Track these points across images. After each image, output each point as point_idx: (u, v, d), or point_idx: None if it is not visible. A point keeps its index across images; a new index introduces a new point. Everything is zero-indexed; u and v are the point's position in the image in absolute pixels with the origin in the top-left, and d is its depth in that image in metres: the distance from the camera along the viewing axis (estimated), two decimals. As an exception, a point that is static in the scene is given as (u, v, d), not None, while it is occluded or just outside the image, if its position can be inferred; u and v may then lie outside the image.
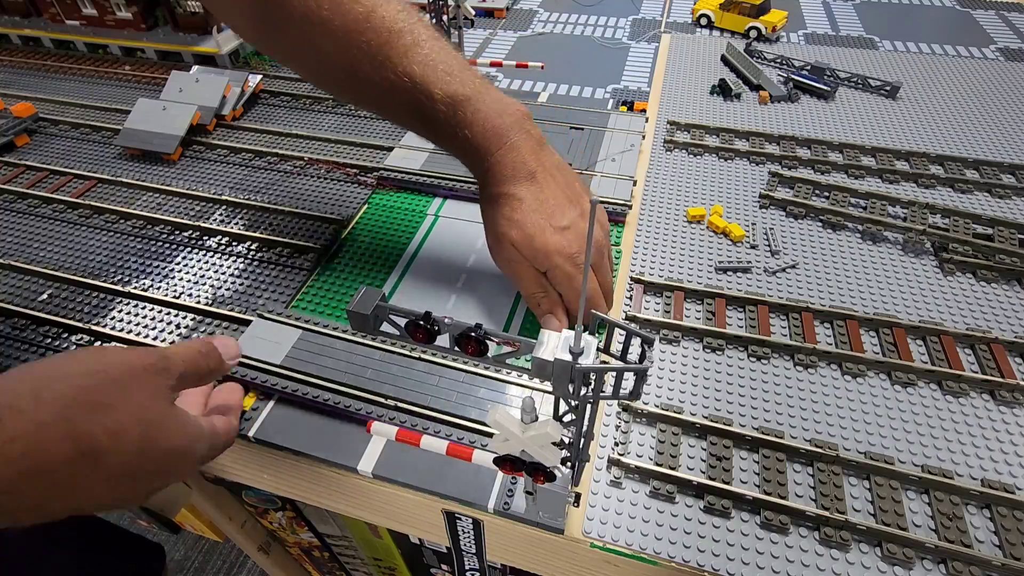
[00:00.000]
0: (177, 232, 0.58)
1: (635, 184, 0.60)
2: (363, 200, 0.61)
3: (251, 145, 0.69)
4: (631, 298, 0.50)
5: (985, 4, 1.02)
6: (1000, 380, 0.43)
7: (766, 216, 0.59)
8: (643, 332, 0.25)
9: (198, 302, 0.50)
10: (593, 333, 0.26)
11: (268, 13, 0.42)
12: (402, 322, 0.29)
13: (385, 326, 0.30)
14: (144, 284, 0.53)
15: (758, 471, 0.38)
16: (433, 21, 0.67)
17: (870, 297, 0.50)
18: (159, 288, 0.52)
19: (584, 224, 0.42)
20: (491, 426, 0.28)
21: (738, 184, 0.63)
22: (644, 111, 0.73)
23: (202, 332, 0.48)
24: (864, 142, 0.67)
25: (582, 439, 0.30)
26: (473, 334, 0.27)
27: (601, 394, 0.26)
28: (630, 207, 0.57)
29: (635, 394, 0.25)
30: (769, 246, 0.55)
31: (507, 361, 0.28)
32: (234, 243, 0.57)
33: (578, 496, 0.36)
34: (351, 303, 0.29)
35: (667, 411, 0.41)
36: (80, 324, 0.49)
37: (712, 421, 0.40)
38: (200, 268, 0.54)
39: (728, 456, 0.39)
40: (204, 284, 0.52)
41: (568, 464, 0.31)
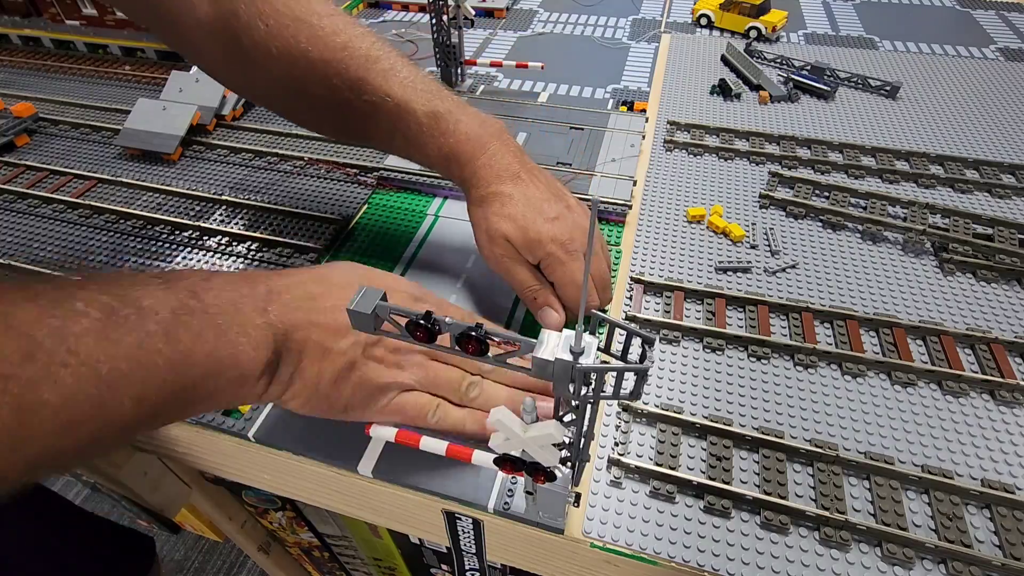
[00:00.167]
0: (177, 232, 0.58)
1: (635, 184, 0.60)
2: (363, 200, 0.61)
3: (251, 145, 0.69)
4: (631, 298, 0.50)
5: (985, 4, 1.02)
6: (1000, 380, 0.43)
7: (766, 216, 0.59)
8: (643, 332, 0.25)
9: (198, 302, 0.50)
10: (593, 333, 0.26)
11: (243, 52, 0.43)
12: (402, 321, 0.29)
13: (385, 325, 0.30)
14: (144, 284, 0.53)
15: (758, 471, 0.38)
16: (433, 21, 0.67)
17: (870, 297, 0.50)
18: (159, 288, 0.52)
19: (572, 216, 0.43)
20: (493, 424, 0.28)
21: (738, 184, 0.63)
22: (644, 111, 0.73)
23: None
24: (864, 142, 0.67)
25: (582, 439, 0.30)
26: (474, 333, 0.27)
27: (602, 394, 0.26)
28: (630, 207, 0.57)
29: (636, 394, 0.25)
30: (769, 246, 0.55)
31: (507, 361, 0.28)
32: (234, 243, 0.57)
33: (578, 496, 0.36)
34: (351, 302, 0.29)
35: (667, 411, 0.41)
36: (80, 324, 0.48)
37: (712, 421, 0.40)
38: (200, 268, 0.54)
39: (728, 456, 0.39)
40: (204, 284, 0.52)
41: (568, 464, 0.31)
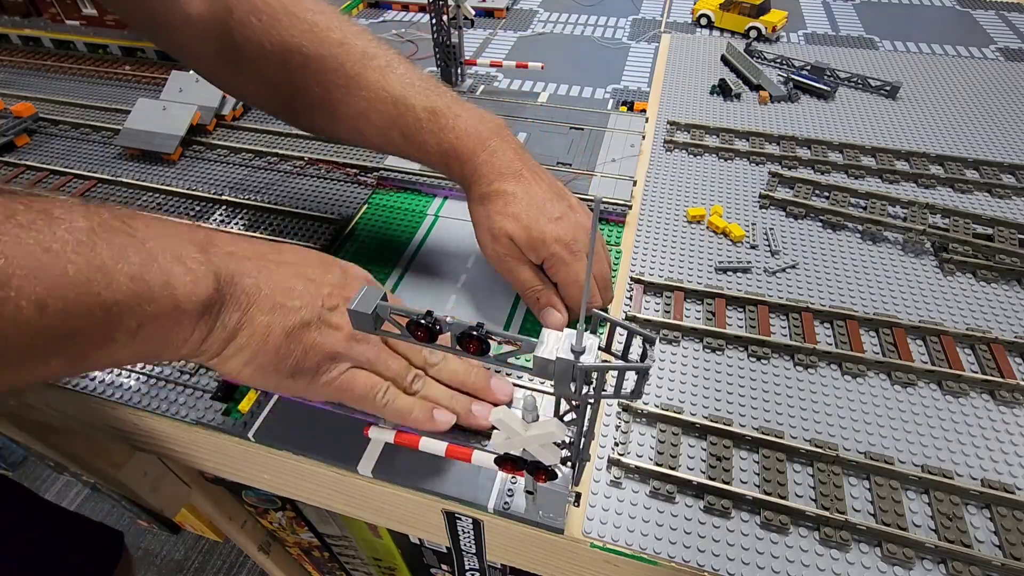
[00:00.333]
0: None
1: (635, 184, 0.60)
2: (363, 200, 0.61)
3: (251, 145, 0.69)
4: (631, 298, 0.50)
5: (985, 4, 1.02)
6: (1000, 380, 0.43)
7: (766, 216, 0.59)
8: (644, 331, 0.25)
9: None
10: (594, 332, 0.26)
11: (236, 49, 0.42)
12: (403, 321, 0.29)
13: (386, 325, 0.30)
14: (144, 284, 0.52)
15: (758, 471, 0.38)
16: (433, 21, 0.67)
17: (870, 297, 0.50)
18: (159, 288, 0.52)
19: (575, 216, 0.43)
20: (494, 424, 0.28)
21: (738, 184, 0.63)
22: (644, 111, 0.73)
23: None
24: (864, 142, 0.67)
25: (583, 438, 0.30)
26: (475, 333, 0.27)
27: (603, 393, 0.26)
28: (630, 207, 0.57)
29: (637, 393, 0.25)
30: (769, 246, 0.55)
31: (509, 360, 0.28)
32: (234, 243, 0.56)
33: (578, 496, 0.36)
34: (352, 302, 0.29)
35: (667, 411, 0.41)
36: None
37: (712, 421, 0.40)
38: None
39: (728, 456, 0.39)
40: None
41: (569, 463, 0.31)
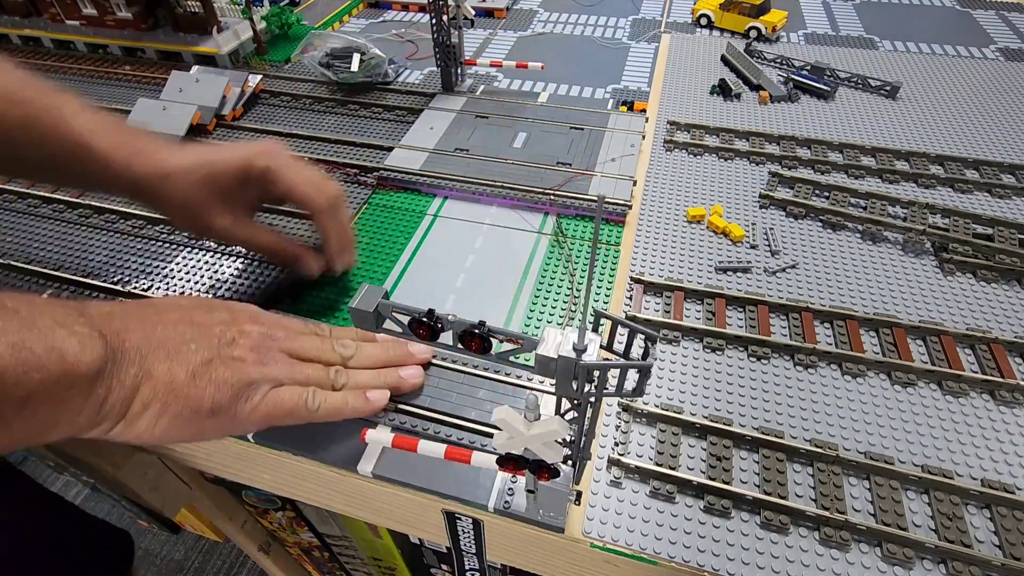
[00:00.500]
0: (177, 232, 0.58)
1: (635, 184, 0.60)
2: (363, 200, 0.61)
3: (251, 145, 0.69)
4: (631, 298, 0.50)
5: (985, 4, 1.02)
6: (1000, 380, 0.43)
7: (766, 216, 0.59)
8: (646, 329, 0.25)
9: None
10: (595, 330, 0.26)
11: None
12: (404, 319, 0.29)
13: (388, 324, 0.30)
14: (144, 284, 0.53)
15: (758, 471, 0.38)
16: (433, 21, 0.67)
17: (870, 297, 0.50)
18: (159, 288, 0.52)
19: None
20: (497, 424, 0.28)
21: (738, 184, 0.63)
22: (644, 111, 0.73)
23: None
24: (864, 142, 0.67)
25: (584, 437, 0.30)
26: (477, 331, 0.27)
27: (604, 391, 0.26)
28: (630, 207, 0.57)
29: (639, 391, 0.25)
30: (769, 246, 0.55)
31: (510, 359, 0.28)
32: (234, 243, 0.57)
33: (579, 494, 0.36)
34: (353, 300, 0.29)
35: (667, 411, 0.41)
36: (80, 324, 0.49)
37: (712, 421, 0.40)
38: (200, 268, 0.54)
39: (728, 456, 0.39)
40: (204, 284, 0.52)
41: (569, 462, 0.31)
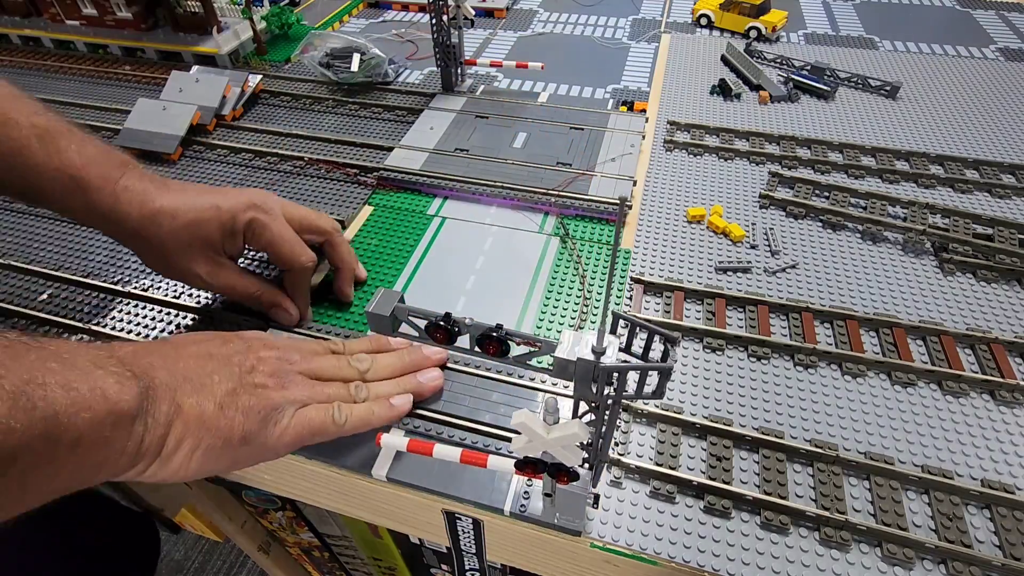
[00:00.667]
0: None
1: (635, 184, 0.60)
2: (363, 200, 0.61)
3: (251, 145, 0.69)
4: (631, 298, 0.50)
5: (985, 4, 1.02)
6: (1000, 380, 0.43)
7: (766, 216, 0.59)
8: (666, 331, 0.24)
9: (198, 302, 0.50)
10: (614, 332, 0.26)
11: None
12: (421, 323, 0.29)
13: (404, 327, 0.30)
14: (144, 284, 0.52)
15: (758, 471, 0.38)
16: (433, 21, 0.67)
17: (870, 297, 0.50)
18: (159, 288, 0.52)
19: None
20: (516, 428, 0.28)
21: (738, 184, 0.63)
22: (644, 111, 0.73)
23: (202, 332, 0.48)
24: (864, 142, 0.67)
25: (601, 439, 0.29)
26: (495, 334, 0.26)
27: (624, 393, 0.26)
28: (630, 207, 0.57)
29: (659, 393, 0.25)
30: (769, 246, 0.55)
31: (528, 362, 0.27)
32: (234, 243, 0.56)
33: (597, 497, 0.36)
34: (370, 304, 0.29)
35: (667, 411, 0.41)
36: (80, 324, 0.49)
37: (712, 421, 0.40)
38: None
39: (728, 456, 0.39)
40: (204, 284, 0.52)
41: (587, 465, 0.31)
